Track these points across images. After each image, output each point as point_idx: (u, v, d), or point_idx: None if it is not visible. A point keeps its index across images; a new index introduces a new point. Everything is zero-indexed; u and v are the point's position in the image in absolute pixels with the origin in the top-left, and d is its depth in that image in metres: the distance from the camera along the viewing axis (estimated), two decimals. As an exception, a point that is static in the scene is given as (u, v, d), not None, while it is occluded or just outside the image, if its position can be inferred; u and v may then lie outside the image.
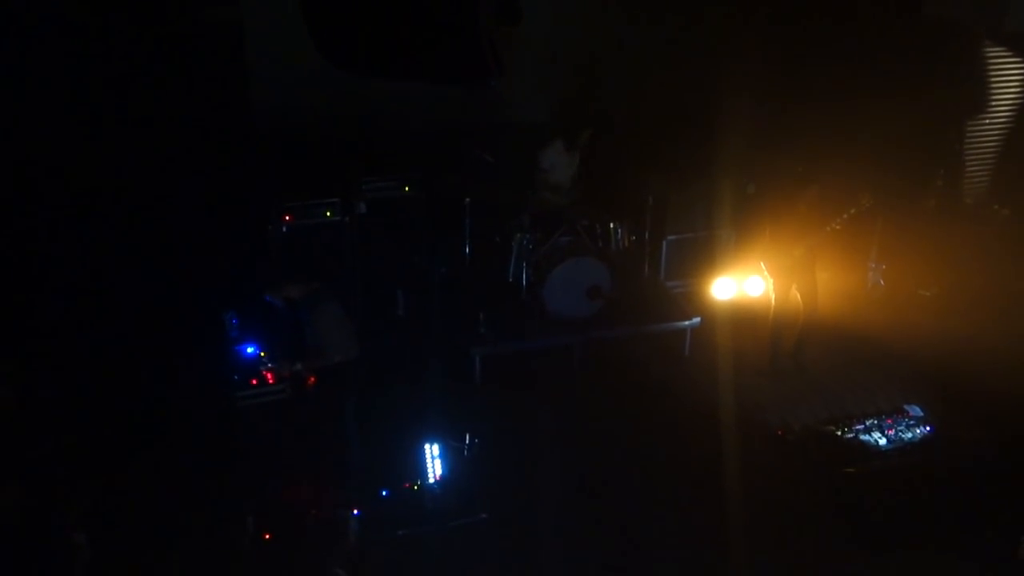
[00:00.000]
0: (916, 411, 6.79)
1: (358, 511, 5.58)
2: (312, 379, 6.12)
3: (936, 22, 8.71)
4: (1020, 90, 9.35)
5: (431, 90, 7.68)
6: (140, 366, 6.72)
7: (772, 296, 7.56)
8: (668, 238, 8.55)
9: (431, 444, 6.07)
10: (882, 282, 8.89)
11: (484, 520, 5.83)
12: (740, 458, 6.25)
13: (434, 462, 6.04)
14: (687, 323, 7.91)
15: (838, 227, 7.13)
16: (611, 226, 7.97)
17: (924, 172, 9.11)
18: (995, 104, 9.39)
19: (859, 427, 6.59)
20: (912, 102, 8.42)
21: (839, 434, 6.54)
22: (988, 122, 9.46)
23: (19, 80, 6.69)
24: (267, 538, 5.48)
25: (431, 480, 6.01)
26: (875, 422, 6.63)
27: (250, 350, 6.54)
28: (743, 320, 8.03)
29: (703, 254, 8.57)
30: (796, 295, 7.49)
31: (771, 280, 7.52)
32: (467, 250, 7.99)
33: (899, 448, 6.44)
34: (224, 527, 5.56)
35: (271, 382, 6.57)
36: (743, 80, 7.83)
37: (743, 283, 7.98)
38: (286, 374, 6.12)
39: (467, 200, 7.80)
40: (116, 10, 7.04)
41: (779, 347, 7.68)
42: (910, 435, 6.54)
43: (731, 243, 8.52)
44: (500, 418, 6.90)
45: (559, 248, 7.71)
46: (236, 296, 6.85)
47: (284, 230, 7.51)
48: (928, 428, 6.59)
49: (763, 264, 7.52)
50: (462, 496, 5.98)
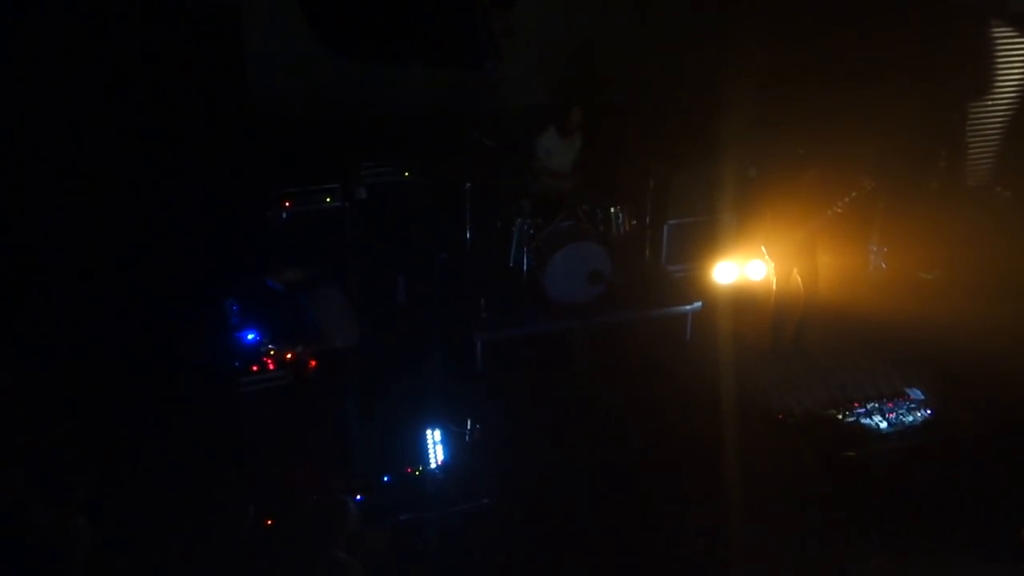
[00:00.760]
0: (917, 394, 6.80)
1: (359, 496, 5.59)
2: (312, 363, 6.12)
3: (939, 3, 8.65)
4: (1023, 71, 9.31)
5: (429, 74, 7.74)
6: (141, 353, 6.73)
7: (773, 280, 7.55)
8: (669, 222, 8.54)
9: (433, 429, 6.08)
10: (884, 265, 8.88)
11: (486, 505, 5.84)
12: (741, 442, 6.25)
13: (436, 447, 6.04)
14: (688, 307, 7.90)
15: (840, 210, 7.11)
16: (612, 210, 7.94)
17: (926, 154, 9.07)
18: (998, 86, 9.34)
19: (860, 410, 6.60)
20: (915, 84, 8.37)
21: (840, 417, 6.56)
22: (991, 104, 9.41)
23: (14, 67, 6.66)
24: (268, 524, 5.49)
25: (433, 465, 6.01)
26: (876, 405, 6.64)
27: (251, 337, 6.54)
28: (744, 304, 8.03)
29: (704, 238, 8.55)
30: (797, 278, 7.48)
31: (772, 264, 7.51)
32: (467, 235, 7.97)
33: (900, 431, 6.46)
34: (225, 513, 5.57)
35: (272, 368, 6.58)
36: (744, 63, 7.79)
37: (744, 267, 7.97)
38: (286, 357, 6.12)
39: (467, 185, 7.78)
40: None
41: (780, 331, 7.68)
42: (911, 418, 6.55)
43: (732, 227, 8.50)
44: (502, 403, 6.90)
45: (560, 233, 7.69)
46: (236, 283, 6.85)
47: (284, 216, 7.51)
48: (929, 411, 6.60)
49: (764, 248, 7.51)
50: (464, 481, 5.98)
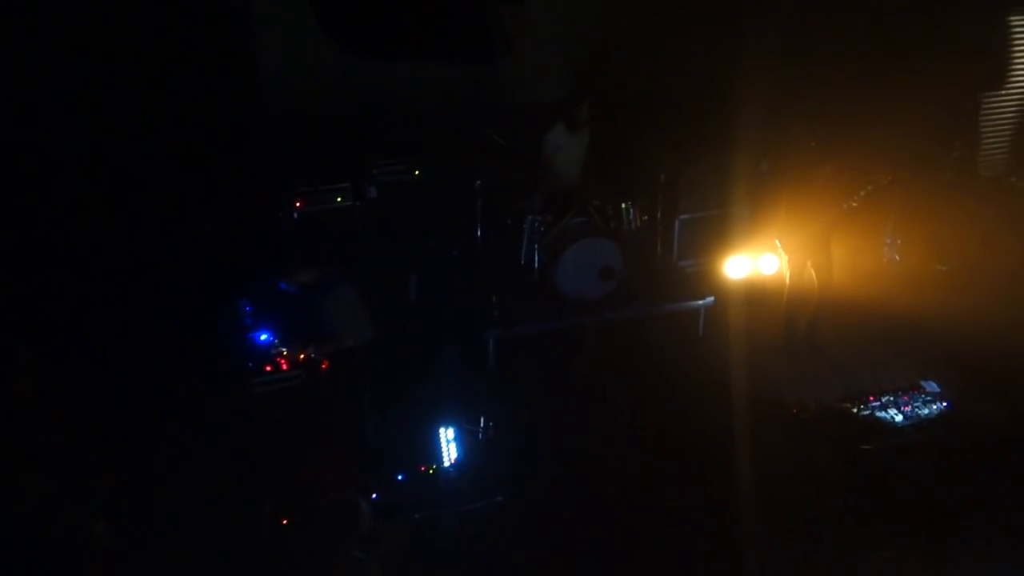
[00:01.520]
0: (932, 387, 6.76)
1: (374, 495, 5.60)
2: (325, 363, 6.14)
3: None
4: (1038, 61, 9.24)
5: (439, 71, 7.73)
6: (155, 354, 6.75)
7: (787, 274, 7.51)
8: (681, 217, 8.50)
9: (446, 428, 6.09)
10: (898, 257, 8.83)
11: (500, 503, 5.84)
12: (756, 437, 6.22)
13: (449, 446, 6.06)
14: (701, 302, 7.87)
15: (855, 204, 7.06)
16: (623, 206, 7.93)
17: (940, 144, 9.01)
18: (1012, 76, 9.26)
19: (875, 404, 6.57)
20: (928, 74, 8.31)
21: (855, 411, 6.53)
22: (1005, 94, 9.33)
23: (24, 67, 6.69)
24: (284, 523, 5.51)
25: (446, 464, 6.02)
26: (891, 399, 6.60)
27: (264, 337, 6.56)
28: (757, 299, 7.99)
29: (716, 233, 8.50)
30: (811, 272, 7.44)
31: (785, 258, 7.47)
32: (479, 233, 7.97)
33: (916, 424, 6.43)
34: (242, 513, 5.59)
35: (285, 368, 6.60)
36: (756, 56, 7.75)
37: (757, 261, 7.93)
38: (299, 357, 6.14)
39: (478, 182, 7.77)
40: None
41: (794, 325, 7.64)
42: (926, 411, 6.51)
43: (745, 221, 8.45)
44: (514, 401, 6.90)
45: (571, 229, 7.68)
46: (249, 283, 6.87)
47: (295, 216, 7.52)
48: (944, 404, 6.56)
49: (778, 242, 7.47)
50: (477, 479, 5.99)
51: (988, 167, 9.56)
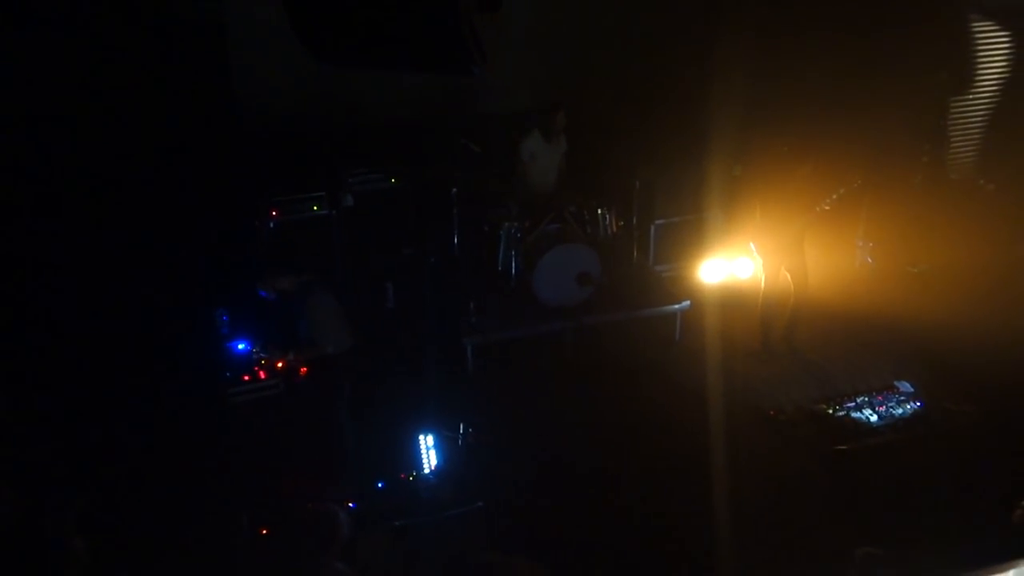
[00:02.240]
0: (906, 387, 6.86)
1: (354, 503, 5.58)
2: (304, 370, 6.12)
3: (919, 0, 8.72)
4: (1004, 65, 9.37)
5: (415, 81, 7.75)
6: (132, 365, 6.71)
7: (762, 277, 7.59)
8: (656, 222, 8.56)
9: (425, 435, 6.08)
10: (870, 260, 8.94)
11: (480, 508, 5.84)
12: (732, 439, 6.26)
13: (429, 452, 6.05)
14: (677, 307, 7.93)
15: (828, 207, 7.15)
16: (599, 212, 7.96)
17: (909, 149, 9.13)
18: (979, 79, 9.40)
19: (850, 405, 6.65)
20: (896, 79, 8.43)
21: (830, 412, 6.60)
22: (972, 97, 9.47)
23: (4, 80, 6.65)
24: (263, 533, 5.48)
25: (426, 470, 6.02)
26: (866, 399, 6.69)
27: (241, 346, 6.53)
28: (733, 302, 8.05)
29: (691, 237, 8.57)
30: (786, 275, 7.52)
31: (760, 261, 7.55)
32: (455, 240, 7.98)
33: (890, 424, 6.51)
34: (220, 524, 5.55)
35: (263, 377, 6.57)
36: (728, 62, 7.83)
37: (732, 265, 8.00)
38: (277, 365, 6.11)
39: (454, 190, 7.79)
40: (99, 9, 7.00)
41: (769, 328, 7.71)
42: (901, 411, 6.60)
43: (719, 226, 8.53)
44: (493, 407, 6.91)
45: (547, 235, 7.71)
46: (226, 293, 6.84)
47: (271, 225, 7.49)
48: (918, 404, 6.65)
49: (752, 245, 7.54)
50: (458, 485, 5.99)
51: (957, 170, 9.70)
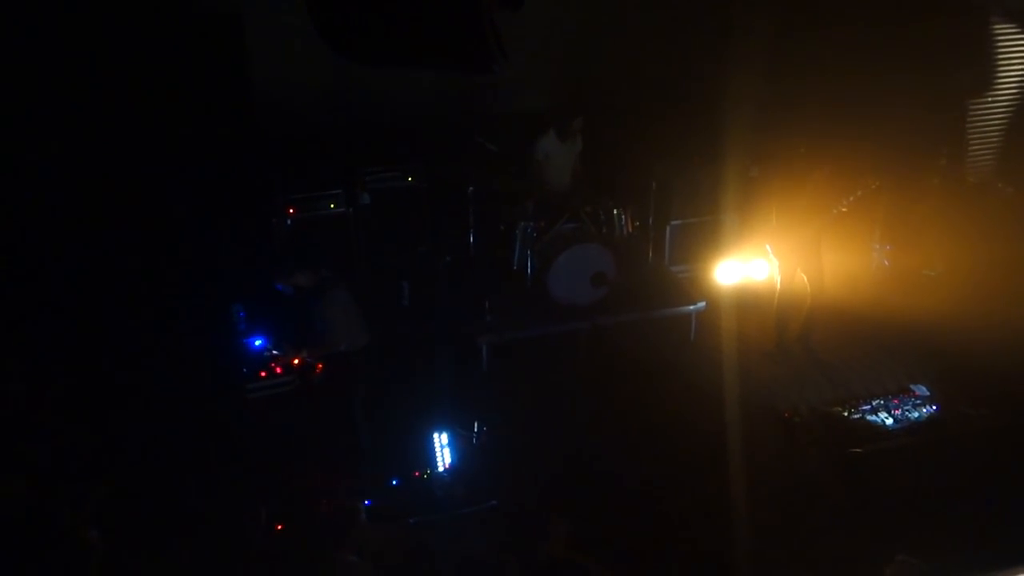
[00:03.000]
0: (922, 391, 6.82)
1: (369, 500, 5.61)
2: (319, 368, 6.15)
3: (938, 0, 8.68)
4: (1023, 67, 9.33)
5: (432, 79, 7.77)
6: (149, 360, 6.75)
7: (777, 279, 7.57)
8: (672, 223, 8.55)
9: (440, 433, 6.10)
10: (887, 262, 8.89)
11: (494, 507, 5.85)
12: (747, 440, 6.26)
13: (443, 451, 6.07)
14: (692, 307, 7.91)
15: (845, 209, 7.13)
16: (615, 212, 7.96)
17: (927, 151, 9.09)
18: (998, 82, 9.35)
19: (866, 407, 6.62)
20: (915, 81, 8.39)
21: (846, 415, 6.58)
22: (991, 100, 9.43)
23: (20, 76, 6.70)
24: (279, 528, 5.52)
25: (440, 468, 6.04)
26: (881, 402, 6.66)
27: (258, 343, 6.57)
28: (748, 303, 8.04)
29: (707, 238, 8.56)
30: (801, 277, 7.50)
31: (776, 263, 7.52)
32: (471, 239, 8.00)
33: (906, 428, 6.47)
34: (236, 519, 5.59)
35: (279, 373, 6.60)
36: (745, 63, 7.81)
37: (748, 266, 7.98)
38: (293, 362, 6.14)
39: (470, 189, 7.80)
40: (115, 4, 7.05)
41: (785, 329, 7.70)
42: (916, 415, 6.57)
43: (735, 227, 8.51)
44: (508, 406, 6.93)
45: (563, 235, 7.71)
46: (243, 289, 6.88)
47: (288, 223, 7.53)
48: (934, 407, 6.61)
49: (768, 247, 7.53)
50: (471, 484, 6.01)
51: (975, 173, 9.65)
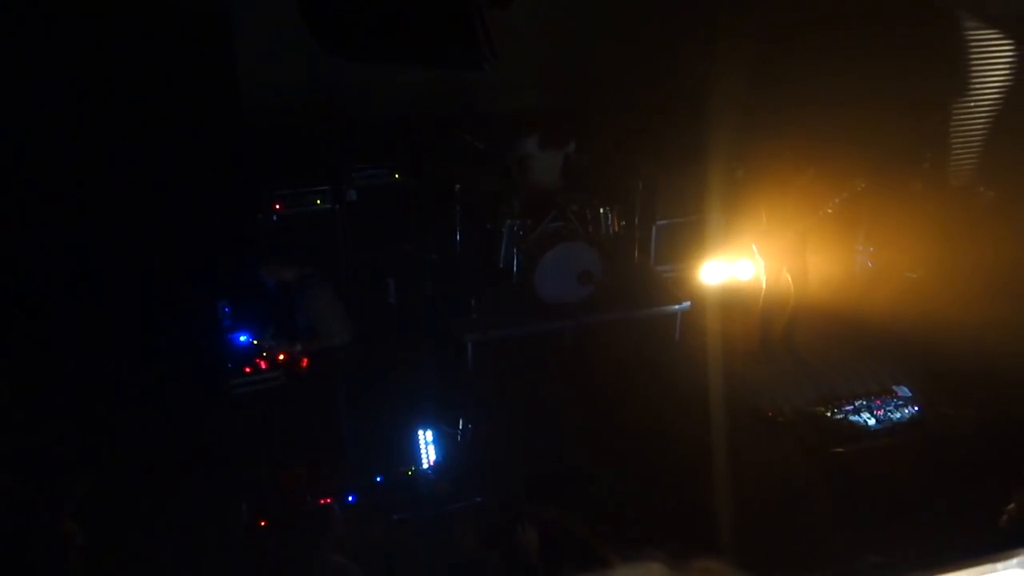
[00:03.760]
0: (904, 391, 6.88)
1: (353, 497, 5.61)
2: (305, 363, 6.14)
3: (921, 6, 8.75)
4: (1005, 73, 9.41)
5: (419, 76, 7.76)
6: (134, 356, 6.72)
7: (762, 279, 7.61)
8: (658, 222, 8.59)
9: (425, 430, 6.10)
10: (870, 264, 8.96)
11: (478, 503, 5.86)
12: (731, 440, 6.29)
13: (428, 448, 6.07)
14: (677, 307, 7.95)
15: (830, 211, 7.18)
16: (601, 211, 7.98)
17: (911, 155, 9.16)
18: (980, 87, 9.44)
19: (848, 408, 6.67)
20: (898, 86, 8.46)
21: (829, 415, 6.63)
22: (974, 105, 9.51)
23: (5, 72, 6.65)
24: (262, 525, 5.50)
25: (425, 465, 6.04)
26: (864, 403, 6.72)
27: (243, 338, 6.55)
28: (733, 304, 8.08)
29: (693, 238, 8.60)
30: (786, 278, 7.54)
31: (761, 263, 7.56)
32: (458, 237, 8.00)
33: (888, 428, 6.54)
34: (219, 515, 5.57)
35: (264, 368, 6.59)
36: (731, 64, 7.85)
37: (733, 267, 8.02)
38: (279, 357, 6.13)
39: (457, 187, 7.80)
40: (102, 1, 7.01)
41: (769, 330, 7.74)
42: (899, 415, 6.63)
43: (721, 227, 8.55)
44: (493, 403, 6.93)
45: (549, 234, 7.73)
46: (228, 285, 6.85)
47: (274, 219, 7.50)
48: (916, 408, 6.67)
49: (754, 247, 7.56)
50: (456, 481, 6.01)
51: (957, 176, 9.73)
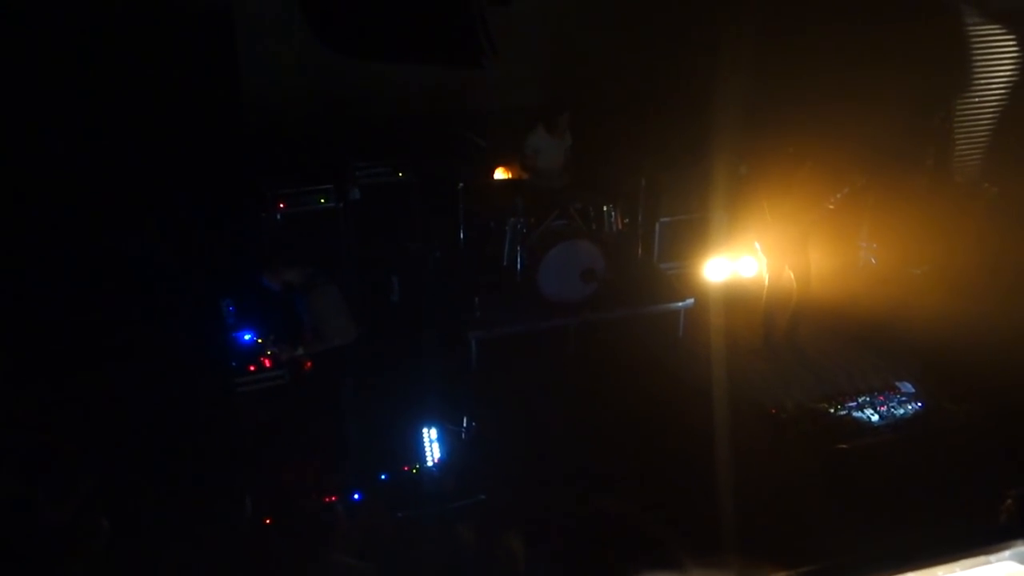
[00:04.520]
0: (907, 388, 6.89)
1: (358, 495, 5.62)
2: (308, 363, 6.15)
3: (924, 1, 8.74)
4: (1009, 69, 9.40)
5: (422, 74, 7.77)
6: (138, 354, 6.74)
7: (765, 276, 7.61)
8: (661, 220, 8.59)
9: (429, 428, 6.12)
10: (873, 261, 8.96)
11: (482, 501, 5.87)
12: (734, 436, 6.29)
13: (432, 446, 6.09)
14: (681, 304, 7.95)
15: (832, 207, 7.19)
16: (604, 209, 7.99)
17: (914, 151, 9.15)
18: (984, 83, 9.43)
19: (852, 404, 6.68)
20: (901, 82, 8.45)
21: (832, 411, 6.64)
22: (978, 101, 9.50)
23: (7, 74, 6.68)
24: (266, 523, 5.51)
25: (429, 463, 6.05)
26: (867, 399, 6.72)
27: (247, 337, 6.57)
28: (736, 300, 8.08)
29: (696, 235, 8.60)
30: (789, 275, 7.55)
31: (764, 260, 7.57)
32: (461, 235, 8.01)
33: (891, 424, 6.54)
34: (223, 513, 5.59)
35: (268, 367, 6.61)
36: (734, 60, 7.85)
37: (736, 264, 8.03)
38: (285, 358, 6.15)
39: (460, 185, 7.82)
40: (104, 2, 7.03)
41: (772, 327, 7.74)
42: (902, 411, 6.64)
43: (724, 224, 8.55)
44: (497, 401, 6.94)
45: (553, 231, 7.74)
46: (232, 283, 6.87)
47: (278, 217, 7.53)
48: (919, 404, 6.68)
49: (756, 244, 7.57)
50: (460, 478, 6.02)
51: (961, 173, 9.73)
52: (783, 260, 7.49)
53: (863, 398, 6.73)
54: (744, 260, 7.94)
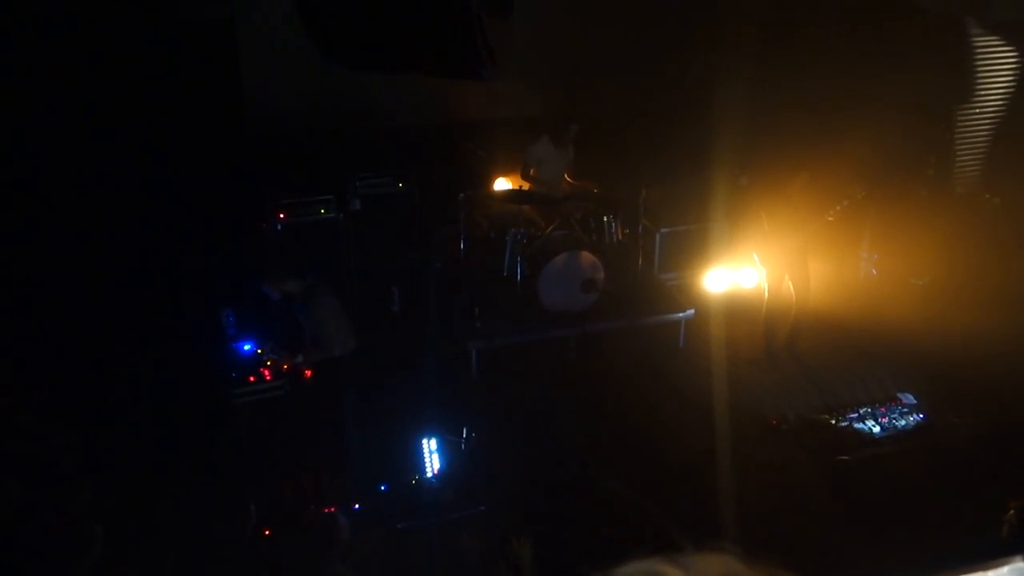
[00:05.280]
0: (909, 399, 6.87)
1: (357, 506, 5.61)
2: (309, 373, 6.15)
3: (924, 12, 8.75)
4: (1009, 80, 9.40)
5: (423, 85, 7.79)
6: (138, 363, 6.74)
7: (765, 287, 7.61)
8: (662, 230, 8.59)
9: (429, 439, 6.10)
10: (874, 271, 8.95)
11: (482, 511, 5.85)
12: (735, 447, 6.28)
13: (432, 456, 6.07)
14: (681, 315, 7.94)
15: (832, 218, 7.19)
16: (605, 219, 8.00)
17: (915, 162, 9.16)
18: (985, 94, 9.43)
19: (853, 415, 6.67)
20: (902, 93, 8.46)
21: (833, 422, 6.62)
22: (978, 111, 9.50)
23: (12, 81, 6.70)
24: (266, 534, 5.50)
25: (429, 474, 6.04)
26: (869, 410, 6.71)
27: (247, 347, 6.56)
28: (737, 311, 8.07)
29: (697, 246, 8.60)
30: (789, 285, 7.54)
31: (764, 271, 7.57)
32: (462, 245, 8.01)
33: (892, 435, 6.52)
34: (223, 524, 5.57)
35: (268, 378, 6.59)
36: (734, 73, 7.87)
37: (737, 274, 8.02)
38: (285, 367, 6.14)
39: (461, 195, 7.82)
40: (108, 10, 7.06)
41: (773, 337, 7.73)
42: (903, 423, 6.62)
43: (724, 235, 8.55)
44: (497, 412, 6.92)
45: (553, 241, 7.73)
46: (233, 293, 6.87)
47: (278, 227, 7.54)
48: (921, 415, 6.66)
49: (756, 255, 7.57)
50: (460, 489, 6.01)
51: (962, 183, 9.72)
52: (783, 271, 7.48)
53: (864, 409, 6.72)
54: (745, 271, 7.93)
